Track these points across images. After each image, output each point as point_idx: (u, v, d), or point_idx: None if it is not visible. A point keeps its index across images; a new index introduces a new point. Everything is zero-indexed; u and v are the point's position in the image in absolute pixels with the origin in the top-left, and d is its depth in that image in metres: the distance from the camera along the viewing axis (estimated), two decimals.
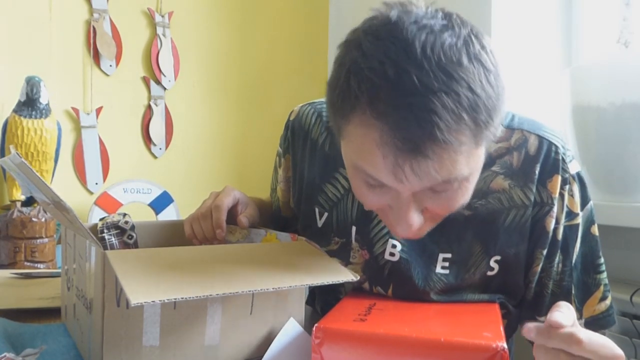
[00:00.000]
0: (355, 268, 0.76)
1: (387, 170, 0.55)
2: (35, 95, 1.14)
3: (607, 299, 0.74)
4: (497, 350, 0.48)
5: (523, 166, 0.70)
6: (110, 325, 0.53)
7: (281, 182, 0.90)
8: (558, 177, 0.70)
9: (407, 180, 0.55)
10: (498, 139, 0.69)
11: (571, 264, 0.73)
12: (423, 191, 0.58)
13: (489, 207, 0.70)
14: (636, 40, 1.18)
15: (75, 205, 1.43)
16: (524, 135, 0.71)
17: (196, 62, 1.68)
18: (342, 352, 0.53)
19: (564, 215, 0.71)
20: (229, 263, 0.59)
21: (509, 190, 0.70)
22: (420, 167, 0.54)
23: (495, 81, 0.56)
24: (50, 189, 0.60)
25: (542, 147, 0.71)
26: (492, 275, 0.72)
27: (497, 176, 0.71)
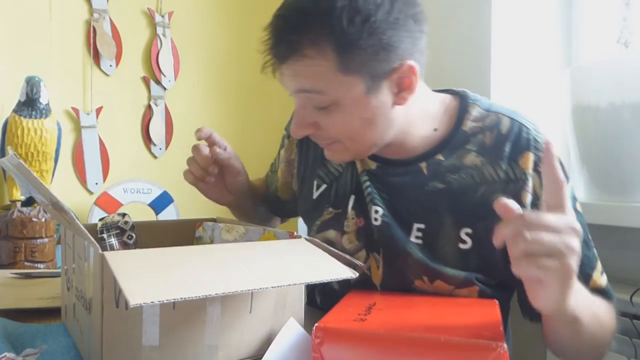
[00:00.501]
0: (349, 236, 0.82)
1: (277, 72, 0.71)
2: (35, 95, 1.14)
3: (604, 273, 0.77)
4: (497, 350, 0.48)
5: (494, 144, 0.75)
6: (110, 325, 0.53)
7: (283, 162, 0.98)
8: (530, 154, 0.74)
9: (283, 82, 0.71)
10: (473, 119, 0.77)
11: None
12: (310, 106, 0.71)
13: (462, 182, 0.75)
14: (636, 40, 1.18)
15: (75, 205, 1.43)
16: (498, 117, 0.77)
17: (196, 62, 1.68)
18: (342, 352, 0.53)
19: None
20: (227, 262, 0.59)
21: (480, 166, 0.75)
22: (285, 72, 0.69)
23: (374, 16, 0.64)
24: (48, 190, 0.60)
25: (513, 127, 0.76)
26: (467, 249, 0.75)
27: (470, 153, 0.76)
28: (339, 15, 0.63)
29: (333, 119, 0.71)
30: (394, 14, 0.66)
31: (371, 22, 0.64)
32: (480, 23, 1.31)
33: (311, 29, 0.65)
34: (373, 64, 0.67)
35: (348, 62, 0.65)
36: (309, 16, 0.65)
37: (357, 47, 0.65)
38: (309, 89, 0.69)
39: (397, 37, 0.66)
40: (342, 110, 0.69)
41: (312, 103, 0.71)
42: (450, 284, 0.76)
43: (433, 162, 0.77)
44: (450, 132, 0.78)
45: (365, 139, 0.73)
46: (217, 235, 0.81)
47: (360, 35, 0.64)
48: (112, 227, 0.79)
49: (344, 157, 0.78)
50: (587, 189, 1.09)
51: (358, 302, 0.64)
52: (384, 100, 0.70)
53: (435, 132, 0.78)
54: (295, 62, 0.67)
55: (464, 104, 0.79)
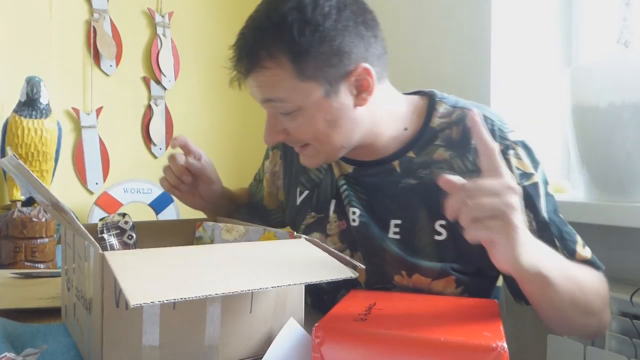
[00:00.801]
0: (333, 239, 0.87)
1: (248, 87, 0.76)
2: (36, 95, 1.14)
3: (586, 246, 0.78)
4: (497, 350, 0.48)
5: (461, 138, 0.78)
6: (110, 325, 0.53)
7: (267, 172, 1.03)
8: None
9: (251, 93, 0.76)
10: (441, 115, 0.81)
11: (544, 219, 0.76)
12: (278, 114, 0.76)
13: (433, 176, 0.78)
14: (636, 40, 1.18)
15: (75, 205, 1.43)
16: (464, 112, 0.80)
17: (196, 62, 1.68)
18: (342, 352, 0.53)
19: (519, 177, 0.76)
20: (227, 262, 0.59)
21: (449, 160, 0.78)
22: (250, 85, 0.75)
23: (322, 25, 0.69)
24: (47, 191, 0.60)
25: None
26: (442, 240, 0.78)
27: (439, 148, 0.79)
28: (290, 28, 0.69)
29: (299, 123, 0.75)
30: (342, 22, 0.71)
31: (320, 31, 0.69)
32: (480, 23, 1.31)
33: (267, 43, 0.71)
34: (327, 69, 0.71)
35: (304, 70, 0.70)
36: (264, 32, 0.71)
37: (310, 55, 0.70)
38: (273, 98, 0.74)
39: (347, 42, 0.71)
40: (305, 115, 0.74)
41: (278, 110, 0.76)
42: (427, 277, 0.79)
43: (405, 160, 0.81)
44: (419, 130, 0.82)
45: (331, 140, 0.76)
46: (217, 235, 0.81)
47: (311, 44, 0.69)
48: (112, 227, 0.79)
49: (317, 161, 0.81)
50: (587, 189, 1.09)
51: (358, 302, 0.64)
52: (345, 102, 0.74)
53: (405, 131, 0.82)
54: (257, 74, 0.73)
55: (432, 102, 0.83)
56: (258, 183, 1.07)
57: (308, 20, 0.69)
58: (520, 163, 0.77)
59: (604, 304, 0.73)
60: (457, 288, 0.81)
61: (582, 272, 0.72)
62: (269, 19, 0.71)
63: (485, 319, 0.59)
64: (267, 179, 1.04)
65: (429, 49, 1.46)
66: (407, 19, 1.52)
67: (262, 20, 0.72)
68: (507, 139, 0.77)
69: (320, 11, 0.70)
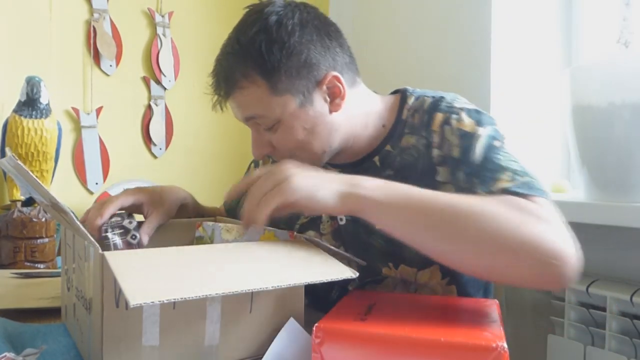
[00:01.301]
0: (327, 238, 0.89)
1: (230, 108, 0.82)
2: (36, 95, 1.14)
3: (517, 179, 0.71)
4: (497, 350, 0.48)
5: (420, 121, 0.84)
6: (110, 325, 0.53)
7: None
8: (439, 114, 0.82)
9: (235, 114, 0.82)
10: (409, 107, 0.86)
11: (472, 162, 0.75)
12: (261, 130, 0.81)
13: (404, 163, 0.83)
14: (636, 40, 1.18)
15: (75, 205, 1.43)
16: (424, 99, 0.85)
17: (196, 62, 1.68)
18: (342, 352, 0.53)
19: (458, 137, 0.78)
20: (227, 262, 0.59)
21: (415, 144, 0.83)
22: (232, 106, 0.81)
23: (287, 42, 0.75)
24: (47, 191, 0.60)
25: (433, 102, 0.84)
26: None
27: (406, 135, 0.84)
28: (259, 48, 0.75)
29: (281, 135, 0.79)
30: (306, 36, 0.77)
31: (287, 47, 0.75)
32: (480, 23, 1.31)
33: (240, 65, 0.77)
34: (298, 81, 0.76)
35: (276, 85, 0.76)
36: (236, 55, 0.77)
37: (280, 70, 0.75)
38: (253, 115, 0.79)
39: (314, 54, 0.77)
40: (285, 126, 0.78)
41: (261, 126, 0.80)
42: (412, 266, 0.82)
43: (383, 154, 0.85)
44: (393, 124, 0.86)
45: (313, 147, 0.80)
46: (217, 235, 0.81)
47: (279, 60, 0.75)
48: (116, 227, 0.79)
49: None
50: (587, 189, 1.09)
51: (358, 302, 0.64)
52: (320, 110, 0.79)
53: (383, 128, 0.87)
54: (235, 95, 0.79)
55: (404, 97, 0.88)
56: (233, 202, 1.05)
57: (274, 39, 0.75)
58: (460, 124, 0.79)
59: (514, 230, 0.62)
60: (442, 279, 0.83)
61: (458, 200, 0.66)
62: (239, 43, 0.77)
63: (485, 319, 0.59)
64: None
65: (429, 49, 1.46)
66: (407, 19, 1.52)
67: (233, 45, 0.78)
68: (453, 107, 0.82)
69: (285, 30, 0.76)
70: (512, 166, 0.73)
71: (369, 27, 1.59)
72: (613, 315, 1.03)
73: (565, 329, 1.11)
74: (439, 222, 0.64)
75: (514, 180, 0.71)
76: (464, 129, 0.78)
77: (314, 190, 0.64)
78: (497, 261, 0.63)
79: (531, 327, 1.25)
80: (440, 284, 0.83)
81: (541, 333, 1.19)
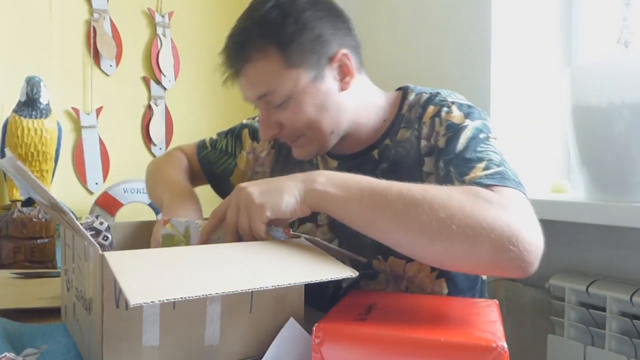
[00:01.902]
0: (323, 229, 0.90)
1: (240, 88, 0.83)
2: (36, 95, 1.14)
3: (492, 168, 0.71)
4: (497, 350, 0.48)
5: (414, 115, 0.86)
6: (110, 325, 0.53)
7: (249, 152, 1.06)
8: (430, 107, 0.84)
9: (245, 94, 0.82)
10: (409, 103, 0.87)
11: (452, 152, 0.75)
12: (270, 108, 0.81)
13: (398, 155, 0.85)
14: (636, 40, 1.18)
15: (75, 205, 1.43)
16: (421, 95, 0.87)
17: (196, 62, 1.68)
18: (342, 352, 0.53)
19: (445, 128, 0.79)
20: (227, 262, 0.59)
21: (409, 137, 0.85)
22: (242, 83, 0.81)
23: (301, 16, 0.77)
24: (47, 191, 0.60)
25: (429, 97, 0.86)
26: None
27: (401, 129, 0.86)
28: (273, 21, 0.77)
29: (291, 112, 0.80)
30: (318, 14, 0.79)
31: (301, 21, 0.77)
32: (480, 23, 1.31)
33: (254, 38, 0.78)
34: (311, 55, 0.78)
35: (291, 57, 0.77)
36: (250, 30, 0.78)
37: (294, 43, 0.77)
38: (265, 91, 0.79)
39: (326, 31, 0.79)
40: (296, 102, 0.79)
41: (271, 104, 0.81)
42: (401, 258, 0.83)
43: (382, 147, 0.87)
44: (393, 119, 0.88)
45: (322, 125, 0.82)
46: (194, 233, 0.76)
47: (294, 33, 0.77)
48: (87, 229, 0.78)
49: (310, 150, 0.86)
50: (587, 189, 1.09)
51: (358, 302, 0.64)
52: (330, 87, 0.81)
53: (384, 122, 0.89)
54: (248, 70, 0.79)
55: (405, 93, 0.90)
56: (222, 154, 1.08)
57: (288, 13, 0.77)
58: (449, 116, 0.80)
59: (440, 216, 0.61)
60: (432, 272, 0.83)
61: (411, 189, 0.64)
62: (252, 18, 0.79)
63: (485, 319, 0.59)
64: (245, 157, 1.05)
65: (429, 49, 1.46)
66: (407, 19, 1.52)
67: (246, 21, 0.80)
68: (445, 100, 0.83)
69: (298, 5, 0.78)
70: (490, 157, 0.72)
71: (369, 27, 1.59)
72: (613, 315, 1.03)
73: (565, 329, 1.11)
74: (391, 212, 0.63)
75: (487, 169, 0.70)
76: (452, 120, 0.80)
77: (275, 196, 0.66)
78: (451, 248, 0.61)
79: (531, 327, 1.25)
80: (429, 277, 0.84)
81: (541, 333, 1.19)
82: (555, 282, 1.12)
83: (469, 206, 0.62)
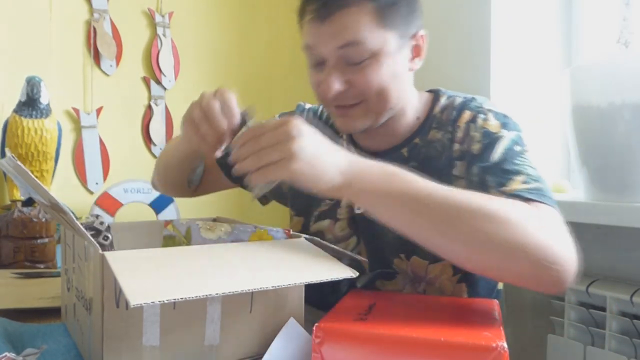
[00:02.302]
0: (341, 224, 0.90)
1: (311, 35, 0.78)
2: (36, 95, 1.14)
3: (531, 183, 0.72)
4: (497, 350, 0.48)
5: (447, 117, 0.85)
6: (110, 325, 0.53)
7: None
8: (467, 111, 0.83)
9: (325, 41, 0.77)
10: (441, 105, 0.87)
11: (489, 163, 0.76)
12: (343, 64, 0.78)
13: (429, 155, 0.85)
14: (636, 40, 1.18)
15: (75, 205, 1.43)
16: (455, 99, 0.87)
17: (196, 62, 1.68)
18: (342, 352, 0.53)
19: (481, 135, 0.80)
20: (227, 262, 0.59)
21: (441, 138, 0.84)
22: (328, 30, 0.76)
23: None
24: (47, 192, 0.60)
25: (463, 101, 0.86)
26: None
27: (433, 130, 0.86)
28: None
29: (368, 72, 0.78)
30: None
31: None
32: (480, 23, 1.31)
33: None
34: (404, 24, 0.79)
35: (386, 18, 0.76)
36: None
37: (395, 6, 0.77)
38: (352, 40, 0.76)
39: (418, 7, 0.82)
40: (376, 63, 0.77)
41: (349, 59, 0.77)
42: (425, 259, 0.83)
43: (411, 146, 0.87)
44: (424, 119, 0.88)
45: (390, 95, 0.80)
46: (195, 234, 0.77)
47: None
48: (87, 229, 0.78)
49: (362, 122, 0.83)
50: (587, 189, 1.09)
51: (358, 302, 0.64)
52: (405, 61, 0.82)
53: (417, 120, 0.88)
54: (341, 16, 0.76)
55: (436, 96, 0.90)
56: None
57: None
58: (486, 124, 0.80)
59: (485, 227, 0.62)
60: (454, 275, 0.83)
61: (457, 195, 0.65)
62: None
63: (485, 319, 0.59)
64: None
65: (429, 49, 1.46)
66: None
67: None
68: (481, 107, 0.83)
69: None
70: (528, 171, 0.74)
71: None
72: (613, 315, 1.03)
73: (565, 329, 1.11)
74: (435, 219, 0.64)
75: (527, 183, 0.72)
76: (489, 128, 0.80)
77: (317, 173, 0.62)
78: (492, 261, 0.63)
79: (531, 327, 1.25)
80: (450, 280, 0.83)
81: (541, 333, 1.19)
82: None
83: (514, 221, 0.62)
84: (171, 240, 0.79)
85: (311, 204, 0.94)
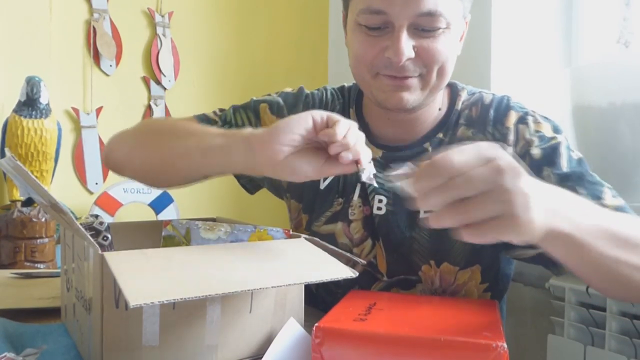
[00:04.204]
0: (356, 225, 0.85)
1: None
2: (36, 95, 1.14)
3: (618, 197, 0.73)
4: (497, 350, 0.48)
5: (479, 114, 0.83)
6: (110, 326, 0.53)
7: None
8: (512, 112, 0.81)
9: (401, 5, 0.71)
10: (463, 100, 0.85)
11: (564, 171, 0.74)
12: (413, 30, 0.73)
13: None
14: (636, 40, 1.18)
15: (75, 205, 1.43)
16: (482, 95, 0.86)
17: (196, 62, 1.68)
18: (342, 352, 0.53)
19: (538, 139, 0.77)
20: (227, 262, 0.59)
21: (471, 137, 0.81)
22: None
23: None
24: (46, 192, 0.60)
25: (494, 98, 0.84)
26: None
27: (462, 127, 0.83)
28: None
29: (439, 42, 0.75)
30: None
31: None
32: (480, 23, 1.31)
33: None
34: (468, 2, 0.79)
35: None
36: None
37: None
38: (437, 10, 0.73)
39: None
40: (449, 34, 0.76)
41: (423, 26, 0.73)
42: (455, 265, 0.81)
43: (436, 141, 0.83)
44: (446, 112, 0.85)
45: (446, 73, 0.78)
46: (195, 234, 0.77)
47: None
48: (87, 229, 0.77)
49: (418, 96, 0.77)
50: None
51: (358, 302, 0.64)
52: (458, 43, 0.80)
53: (439, 111, 0.85)
54: None
55: (455, 89, 0.88)
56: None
57: None
58: (539, 126, 0.79)
59: None
60: (481, 283, 0.81)
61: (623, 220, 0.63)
62: None
63: (485, 319, 0.59)
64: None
65: None
66: None
67: None
68: (524, 109, 0.82)
69: None
70: (603, 182, 0.75)
71: None
72: (613, 315, 1.03)
73: (565, 329, 1.11)
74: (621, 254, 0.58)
75: (615, 197, 0.73)
76: (543, 132, 0.78)
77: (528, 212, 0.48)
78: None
79: (531, 327, 1.24)
80: (477, 287, 0.82)
81: (541, 333, 1.19)
82: (555, 282, 1.12)
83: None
84: (171, 241, 0.79)
85: (322, 203, 0.88)
